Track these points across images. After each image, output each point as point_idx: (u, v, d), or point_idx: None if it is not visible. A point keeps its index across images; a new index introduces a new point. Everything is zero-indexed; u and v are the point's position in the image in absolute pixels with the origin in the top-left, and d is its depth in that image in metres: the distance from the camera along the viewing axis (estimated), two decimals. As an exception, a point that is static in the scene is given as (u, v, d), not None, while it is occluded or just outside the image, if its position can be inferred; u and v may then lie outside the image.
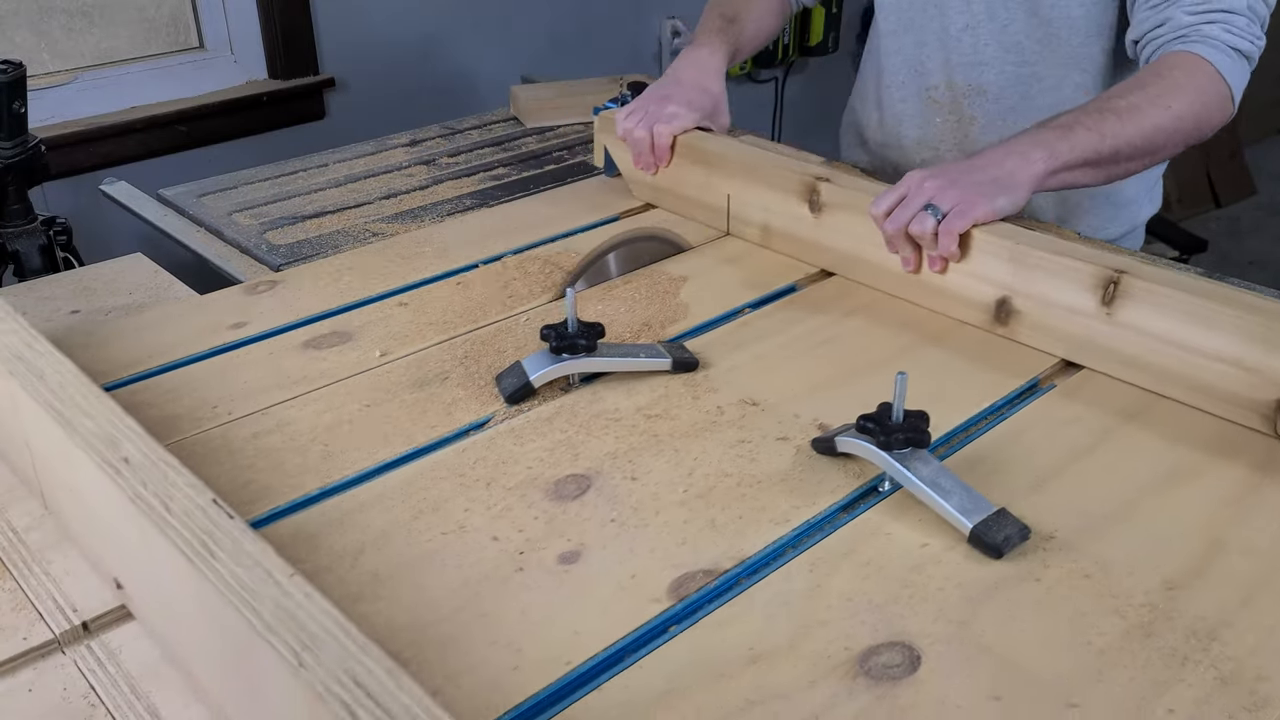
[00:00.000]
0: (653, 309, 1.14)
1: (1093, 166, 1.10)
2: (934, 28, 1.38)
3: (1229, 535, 0.80)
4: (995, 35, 1.34)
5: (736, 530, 0.82)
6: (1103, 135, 1.09)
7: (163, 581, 0.68)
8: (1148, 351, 0.97)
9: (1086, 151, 1.08)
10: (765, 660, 0.70)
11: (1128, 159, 1.12)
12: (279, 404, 0.98)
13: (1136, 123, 1.10)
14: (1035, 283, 1.03)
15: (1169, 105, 1.11)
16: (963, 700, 0.67)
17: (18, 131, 1.39)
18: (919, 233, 1.06)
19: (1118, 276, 0.97)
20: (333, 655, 0.56)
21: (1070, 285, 1.00)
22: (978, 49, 1.35)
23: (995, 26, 1.33)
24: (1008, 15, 1.32)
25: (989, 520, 0.79)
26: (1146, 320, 0.96)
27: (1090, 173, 1.11)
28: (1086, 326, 1.00)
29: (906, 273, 1.11)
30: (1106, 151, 1.09)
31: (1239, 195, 4.19)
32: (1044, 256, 1.01)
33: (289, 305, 1.16)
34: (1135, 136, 1.10)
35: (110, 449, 0.72)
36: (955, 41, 1.37)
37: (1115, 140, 1.09)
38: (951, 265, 1.08)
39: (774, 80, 3.38)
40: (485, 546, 0.80)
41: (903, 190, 1.08)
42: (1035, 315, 1.04)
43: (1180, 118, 1.12)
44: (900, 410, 0.83)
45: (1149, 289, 0.96)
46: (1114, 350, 0.99)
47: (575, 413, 0.96)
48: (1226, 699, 0.67)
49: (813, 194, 1.18)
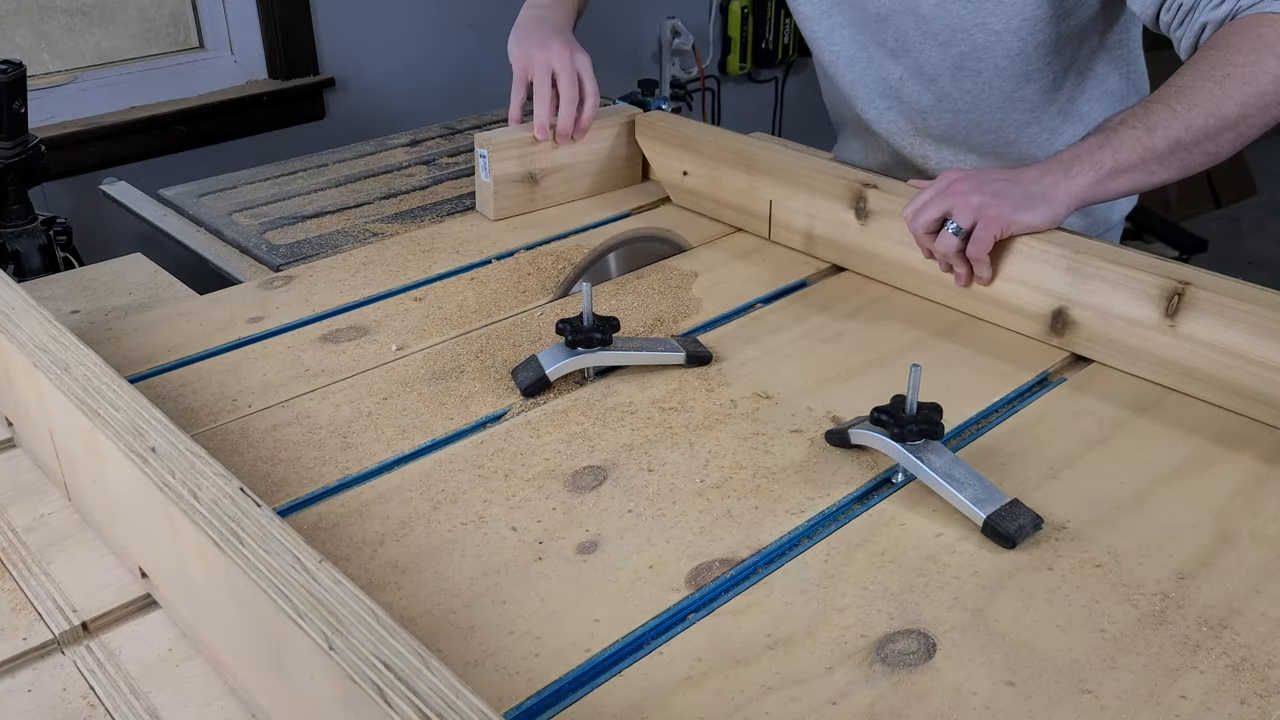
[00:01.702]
0: (666, 303, 1.15)
1: (1156, 163, 1.03)
2: (869, 80, 1.37)
3: (1239, 525, 0.82)
4: (927, 88, 1.33)
5: (753, 520, 0.83)
6: (1151, 129, 1.03)
7: (190, 569, 0.69)
8: (1214, 365, 0.95)
9: (1136, 151, 1.03)
10: (783, 647, 0.71)
11: (1197, 143, 1.03)
12: (297, 397, 0.99)
13: (1189, 103, 1.02)
14: (1094, 293, 1.01)
15: (1226, 73, 1.02)
16: (978, 686, 0.68)
17: (18, 131, 1.40)
18: (944, 251, 1.06)
19: (1182, 288, 0.95)
20: (362, 639, 0.57)
21: (1132, 296, 0.99)
22: (914, 98, 1.35)
23: (925, 80, 1.32)
24: (934, 70, 1.30)
25: (1002, 511, 0.80)
26: (1211, 333, 0.94)
27: (1156, 169, 1.04)
28: (1146, 338, 0.98)
29: (958, 285, 1.10)
30: (1162, 145, 1.03)
31: (1239, 195, 4.20)
32: (1104, 266, 1.00)
33: (305, 300, 1.17)
34: (1195, 118, 1.02)
35: (137, 439, 0.73)
36: (894, 93, 1.36)
37: (1170, 130, 1.02)
38: (1008, 275, 1.06)
39: (774, 80, 3.39)
40: (504, 537, 0.81)
41: (932, 190, 1.06)
42: (1093, 327, 1.02)
43: (1246, 81, 1.01)
44: (914, 402, 0.84)
45: (1214, 300, 0.94)
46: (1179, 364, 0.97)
47: (591, 405, 0.97)
48: (1238, 686, 0.68)
49: (860, 200, 1.17)
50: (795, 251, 1.26)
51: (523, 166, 1.35)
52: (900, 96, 1.36)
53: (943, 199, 1.05)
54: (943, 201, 1.05)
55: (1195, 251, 3.56)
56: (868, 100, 1.39)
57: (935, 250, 1.07)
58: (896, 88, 1.35)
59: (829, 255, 1.23)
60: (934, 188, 1.07)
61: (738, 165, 1.30)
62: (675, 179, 1.38)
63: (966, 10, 1.23)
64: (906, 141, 1.40)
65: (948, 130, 1.36)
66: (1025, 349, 1.05)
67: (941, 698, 0.67)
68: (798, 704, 0.67)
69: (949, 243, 1.05)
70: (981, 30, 1.24)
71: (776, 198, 1.27)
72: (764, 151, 1.28)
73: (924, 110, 1.35)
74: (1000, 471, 0.88)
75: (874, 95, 1.38)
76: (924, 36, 1.28)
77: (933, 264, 1.11)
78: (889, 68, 1.34)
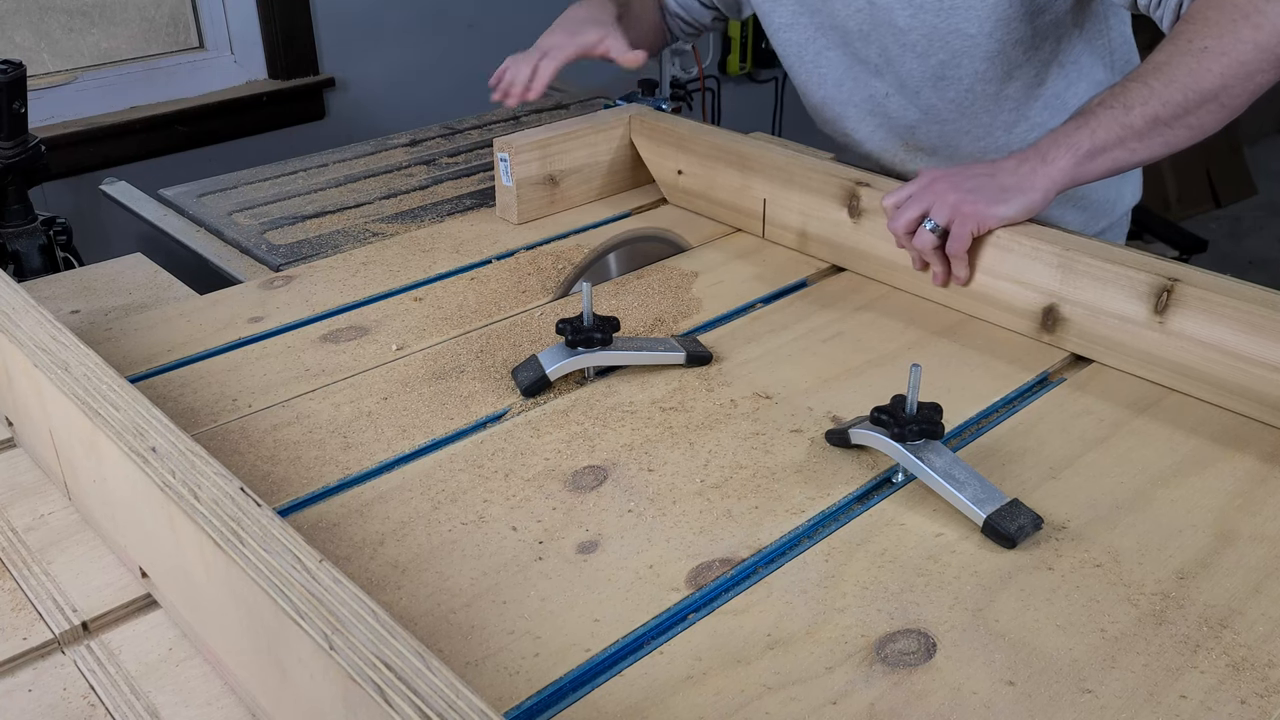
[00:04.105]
0: (666, 303, 1.15)
1: (1136, 140, 1.03)
2: (856, 99, 1.37)
3: (1239, 525, 0.82)
4: (911, 101, 1.33)
5: (753, 520, 0.83)
6: (1128, 107, 1.03)
7: (191, 569, 0.69)
8: (1201, 361, 0.95)
9: (1114, 130, 1.03)
10: (783, 647, 0.71)
11: (1177, 118, 1.03)
12: (298, 397, 0.99)
13: (1166, 78, 1.02)
14: (1084, 290, 1.02)
15: (1203, 46, 1.02)
16: (978, 686, 0.68)
17: (18, 131, 1.40)
18: (921, 247, 1.07)
19: (1171, 284, 0.96)
20: (363, 639, 0.57)
21: (1121, 293, 0.99)
22: (901, 114, 1.35)
23: (908, 94, 1.33)
24: (916, 84, 1.31)
25: (1002, 510, 0.80)
26: (1200, 329, 0.95)
27: (1136, 147, 1.04)
28: (1137, 335, 0.99)
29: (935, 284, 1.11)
30: (1140, 122, 1.03)
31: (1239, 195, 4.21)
32: (1094, 263, 1.00)
33: (305, 300, 1.17)
34: (1172, 94, 1.02)
35: (138, 439, 0.73)
36: (881, 110, 1.37)
37: (1148, 107, 1.02)
38: (998, 272, 1.07)
39: (774, 80, 3.39)
40: (504, 536, 0.81)
41: (912, 188, 1.08)
42: (1084, 324, 1.03)
43: (1224, 52, 1.01)
44: (914, 402, 0.84)
45: (1203, 297, 0.94)
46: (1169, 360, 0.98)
47: (591, 405, 0.97)
48: (1238, 685, 0.68)
49: (853, 199, 1.18)
50: (793, 251, 1.26)
51: (543, 169, 1.34)
52: (888, 113, 1.36)
53: (921, 197, 1.07)
54: (921, 200, 1.06)
55: (1195, 251, 3.56)
56: (858, 120, 1.39)
57: (913, 248, 1.08)
58: (883, 104, 1.36)
59: (823, 254, 1.24)
60: (913, 185, 1.09)
61: (731, 164, 1.30)
62: (670, 178, 1.39)
63: (939, 19, 1.23)
64: (898, 158, 1.40)
65: (937, 142, 1.36)
66: (1025, 349, 1.06)
67: (941, 698, 0.67)
68: (798, 704, 0.67)
69: (926, 240, 1.06)
70: (957, 36, 1.24)
71: (770, 196, 1.27)
72: (757, 150, 1.28)
73: (911, 125, 1.36)
74: (1000, 471, 0.88)
75: (863, 114, 1.38)
76: (903, 49, 1.28)
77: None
78: (874, 85, 1.35)
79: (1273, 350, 0.91)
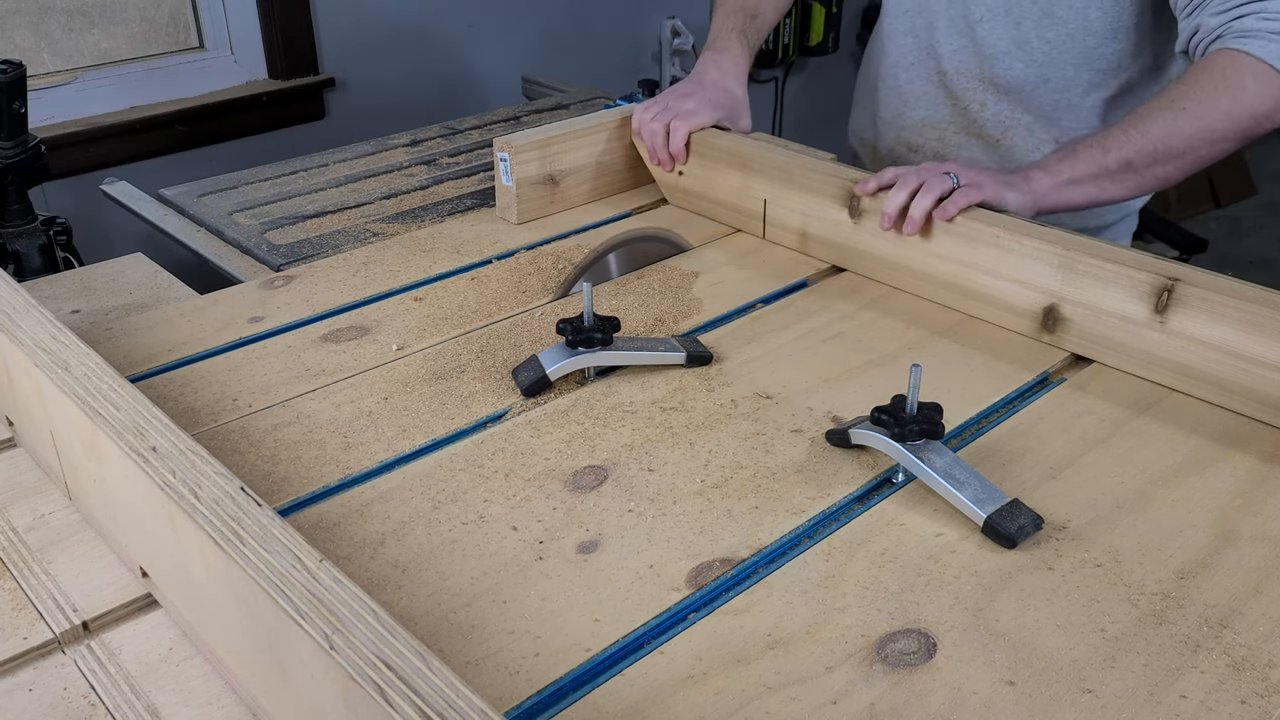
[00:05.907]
0: (666, 304, 1.15)
1: (1108, 179, 1.14)
2: (953, 14, 1.39)
3: (1239, 525, 0.82)
4: (1008, 31, 1.35)
5: (753, 520, 0.83)
6: (1106, 150, 1.13)
7: (191, 568, 0.69)
8: (1202, 361, 0.96)
9: (1090, 167, 1.13)
10: (783, 646, 0.71)
11: (1145, 167, 1.13)
12: (298, 396, 0.99)
13: (1143, 130, 1.12)
14: (1084, 290, 1.02)
15: (1182, 107, 1.11)
16: (978, 686, 0.68)
17: (18, 131, 1.40)
18: (931, 188, 1.10)
19: (1171, 284, 0.96)
20: (363, 639, 0.57)
21: (1122, 292, 1.00)
22: (991, 42, 1.37)
23: (1009, 22, 1.34)
24: (1021, 13, 1.33)
25: (1002, 510, 0.80)
26: (1200, 329, 0.95)
27: (1108, 185, 1.14)
28: (1137, 335, 0.99)
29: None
30: (1114, 164, 1.13)
31: (1239, 195, 4.20)
32: (1094, 263, 1.01)
33: (306, 300, 1.17)
34: (1145, 144, 1.12)
35: (138, 438, 0.73)
36: (970, 31, 1.38)
37: (1122, 152, 1.12)
38: (999, 272, 1.08)
39: (774, 80, 3.39)
40: (505, 536, 0.81)
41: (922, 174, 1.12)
42: (1084, 323, 1.03)
43: (1199, 116, 1.11)
44: (914, 402, 0.84)
45: (1204, 296, 0.94)
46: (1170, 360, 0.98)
47: (591, 405, 0.97)
48: (1238, 685, 0.68)
49: (853, 199, 1.18)
50: (793, 251, 1.26)
51: (543, 169, 1.35)
52: (976, 36, 1.37)
53: (942, 166, 1.12)
54: (943, 166, 1.12)
55: (1195, 251, 3.56)
56: (947, 34, 1.40)
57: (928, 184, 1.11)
58: (975, 27, 1.37)
59: (823, 254, 1.24)
60: (923, 172, 1.13)
61: (732, 164, 1.30)
62: (670, 179, 1.39)
63: None
64: (970, 84, 1.41)
65: (1016, 81, 1.37)
66: (1025, 349, 1.06)
67: (941, 697, 0.67)
68: (798, 704, 0.67)
69: (943, 184, 1.10)
70: None
71: (770, 196, 1.27)
72: (757, 150, 1.28)
73: (996, 56, 1.37)
74: (1000, 471, 0.88)
75: (954, 31, 1.40)
76: None
77: (927, 263, 1.13)
78: (975, 4, 1.36)
79: (1273, 350, 0.91)
